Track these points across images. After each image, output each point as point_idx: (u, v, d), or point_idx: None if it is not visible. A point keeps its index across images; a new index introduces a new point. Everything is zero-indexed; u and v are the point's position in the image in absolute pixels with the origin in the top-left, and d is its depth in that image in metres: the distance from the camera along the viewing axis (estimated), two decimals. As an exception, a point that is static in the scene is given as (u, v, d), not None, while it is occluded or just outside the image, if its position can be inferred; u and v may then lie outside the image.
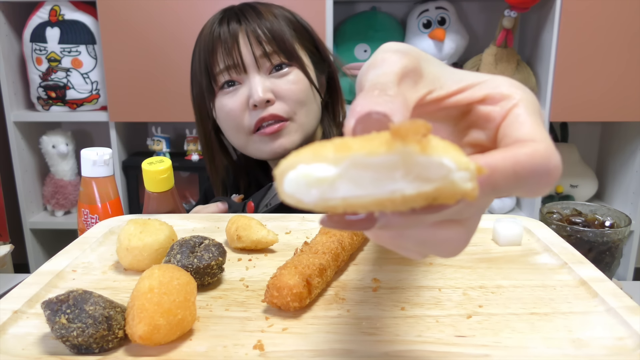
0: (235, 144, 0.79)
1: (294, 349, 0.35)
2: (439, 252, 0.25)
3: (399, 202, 0.20)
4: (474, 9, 1.86)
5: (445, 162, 0.19)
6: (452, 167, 0.19)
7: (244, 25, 0.73)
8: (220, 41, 0.73)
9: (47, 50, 1.67)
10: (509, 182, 0.22)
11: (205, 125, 0.81)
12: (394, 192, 0.20)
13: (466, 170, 0.20)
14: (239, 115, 0.74)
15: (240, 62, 0.73)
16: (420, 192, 0.20)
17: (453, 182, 0.20)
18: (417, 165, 0.19)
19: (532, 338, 0.36)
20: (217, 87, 0.76)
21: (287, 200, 0.21)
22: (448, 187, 0.20)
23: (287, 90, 0.74)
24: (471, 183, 0.20)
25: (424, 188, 0.20)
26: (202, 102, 0.78)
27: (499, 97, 0.26)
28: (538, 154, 0.23)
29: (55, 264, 0.48)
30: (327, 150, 0.20)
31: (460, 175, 0.20)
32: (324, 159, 0.20)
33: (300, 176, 0.20)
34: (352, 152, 0.20)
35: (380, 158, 0.20)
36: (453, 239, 0.24)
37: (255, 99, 0.72)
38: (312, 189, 0.20)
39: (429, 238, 0.24)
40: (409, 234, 0.24)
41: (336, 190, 0.20)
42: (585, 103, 1.61)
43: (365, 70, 0.28)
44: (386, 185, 0.20)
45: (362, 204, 0.20)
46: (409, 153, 0.19)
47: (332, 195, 0.20)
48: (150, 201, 0.63)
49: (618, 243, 0.64)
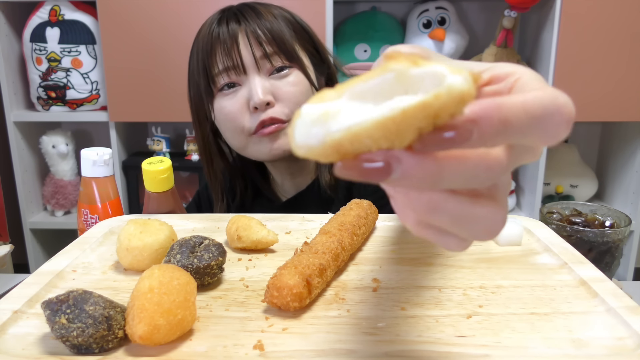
0: (234, 146, 0.79)
1: (294, 349, 0.35)
2: (477, 230, 0.24)
3: (399, 119, 0.19)
4: (474, 9, 1.86)
5: (438, 69, 0.20)
6: (445, 72, 0.20)
7: (243, 25, 0.72)
8: (220, 42, 0.72)
9: (47, 50, 1.67)
10: (520, 119, 0.22)
11: (203, 128, 0.80)
12: (393, 109, 0.19)
13: (459, 73, 0.20)
14: (239, 117, 0.74)
15: (240, 63, 0.72)
16: (417, 103, 0.19)
17: (449, 86, 0.19)
18: (412, 79, 0.20)
19: (532, 338, 0.36)
20: (216, 88, 0.75)
21: (299, 152, 0.21)
22: (445, 93, 0.19)
23: (287, 92, 0.73)
24: (467, 83, 0.20)
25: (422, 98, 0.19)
26: (200, 103, 0.78)
27: (504, 75, 0.26)
28: (545, 92, 0.23)
29: (55, 264, 0.48)
30: (328, 91, 0.21)
31: (454, 79, 0.20)
32: (327, 97, 0.21)
33: (305, 118, 0.21)
34: (350, 85, 0.21)
35: (376, 80, 0.20)
36: (489, 216, 0.24)
37: (255, 101, 0.71)
38: (317, 128, 0.20)
39: (464, 213, 0.23)
40: (444, 207, 0.23)
41: (339, 122, 0.20)
42: (585, 103, 1.61)
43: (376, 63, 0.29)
44: (384, 104, 0.20)
45: (367, 130, 0.20)
46: (402, 69, 0.20)
47: (336, 128, 0.20)
48: (150, 201, 0.63)
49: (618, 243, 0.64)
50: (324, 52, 0.81)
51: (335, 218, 0.52)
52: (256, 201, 0.87)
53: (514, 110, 0.21)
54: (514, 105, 0.22)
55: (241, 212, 0.83)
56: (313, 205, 0.82)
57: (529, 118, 0.22)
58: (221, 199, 0.85)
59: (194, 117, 0.81)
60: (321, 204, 0.80)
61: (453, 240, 0.25)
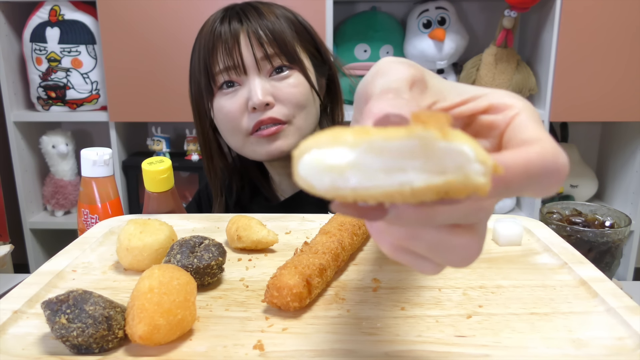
0: (231, 145, 0.79)
1: (294, 349, 0.35)
2: (452, 258, 0.24)
3: (407, 194, 0.20)
4: (474, 9, 1.86)
5: (466, 150, 0.19)
6: (471, 156, 0.19)
7: (245, 25, 0.72)
8: (221, 40, 0.72)
9: (47, 50, 1.67)
10: (521, 180, 0.22)
11: (204, 125, 0.80)
12: (403, 184, 0.19)
13: (483, 163, 0.19)
14: (237, 117, 0.74)
15: (241, 63, 0.72)
16: (429, 184, 0.19)
17: (467, 175, 0.19)
18: (436, 152, 0.19)
19: (532, 338, 0.36)
20: (216, 87, 0.75)
21: (300, 184, 0.21)
22: (460, 181, 0.19)
23: (287, 93, 0.73)
24: (484, 178, 0.19)
25: (434, 180, 0.19)
26: (201, 101, 0.78)
27: (502, 106, 0.26)
28: (547, 151, 0.23)
29: (55, 264, 0.48)
30: (346, 134, 0.20)
31: (475, 168, 0.19)
32: (343, 142, 0.20)
33: (314, 161, 0.20)
34: (370, 136, 0.20)
35: (399, 142, 0.19)
36: (466, 246, 0.24)
37: (254, 101, 0.71)
38: (325, 176, 0.20)
39: (442, 242, 0.23)
40: (422, 236, 0.23)
41: (346, 180, 0.20)
42: (585, 103, 1.61)
43: (370, 78, 0.28)
44: (396, 177, 0.20)
45: (372, 195, 0.20)
46: (430, 138, 0.19)
47: (342, 185, 0.20)
48: (150, 201, 0.63)
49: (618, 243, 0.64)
50: (325, 52, 0.81)
51: (335, 218, 0.52)
52: (254, 200, 0.87)
53: (517, 172, 0.22)
54: (516, 167, 0.22)
55: (239, 210, 0.83)
56: (311, 204, 0.82)
57: (529, 178, 0.22)
58: (220, 194, 0.84)
59: (195, 113, 0.81)
60: (319, 203, 0.80)
61: (428, 265, 0.25)
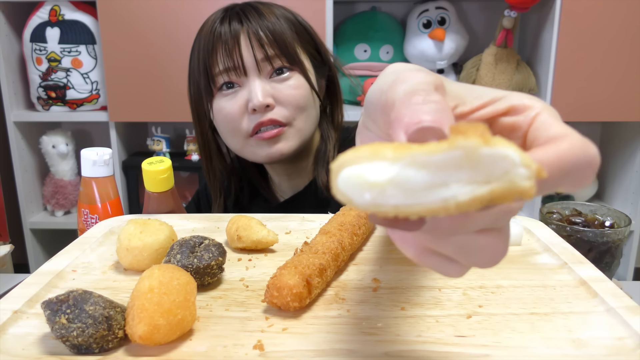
0: (231, 147, 0.79)
1: (294, 349, 0.35)
2: (479, 259, 0.24)
3: (452, 209, 0.19)
4: (474, 9, 1.86)
5: (511, 154, 0.19)
6: (517, 161, 0.19)
7: (245, 25, 0.71)
8: (221, 41, 0.71)
9: (47, 50, 1.67)
10: (556, 176, 0.22)
11: (203, 125, 0.80)
12: (447, 199, 0.19)
13: (528, 167, 0.19)
14: (237, 118, 0.73)
15: (241, 64, 0.71)
16: (475, 196, 0.19)
17: (513, 180, 0.19)
18: (481, 160, 0.19)
19: (532, 338, 0.36)
20: (216, 88, 0.74)
21: (339, 197, 0.21)
22: (506, 187, 0.19)
23: (288, 95, 0.73)
24: (530, 181, 0.19)
25: (479, 191, 0.19)
26: (200, 102, 0.77)
27: (522, 107, 0.26)
28: (577, 144, 0.23)
29: (55, 264, 0.48)
30: (386, 149, 0.20)
31: (521, 172, 0.19)
32: (383, 157, 0.20)
33: (354, 176, 0.20)
34: (412, 151, 0.19)
35: (442, 155, 0.19)
36: (493, 246, 0.24)
37: (255, 103, 0.70)
38: (365, 192, 0.20)
39: (469, 244, 0.23)
40: (450, 239, 0.23)
41: (388, 197, 0.20)
42: (585, 103, 1.61)
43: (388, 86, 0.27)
44: (439, 192, 0.19)
45: (414, 212, 0.20)
46: (473, 147, 0.19)
47: (383, 202, 0.20)
48: (150, 201, 0.63)
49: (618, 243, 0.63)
50: (325, 53, 0.81)
51: (335, 218, 0.52)
52: (253, 201, 0.87)
53: (551, 170, 0.22)
54: (550, 163, 0.22)
55: (238, 212, 0.83)
56: (310, 205, 0.82)
57: (562, 173, 0.22)
58: (219, 195, 0.84)
59: (194, 114, 0.80)
60: (318, 205, 0.81)
61: (454, 267, 0.25)
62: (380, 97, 0.28)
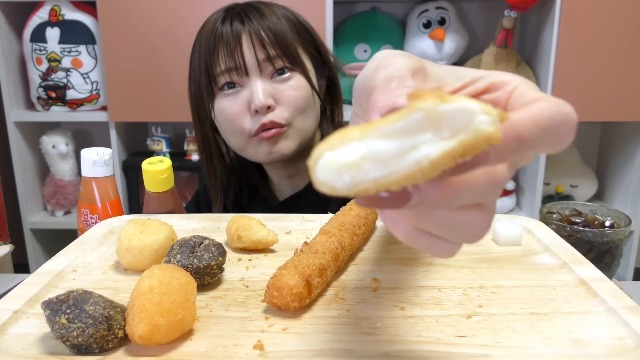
0: (233, 146, 0.79)
1: (294, 349, 0.35)
2: (463, 234, 0.25)
3: (427, 169, 0.20)
4: (474, 9, 1.86)
5: (470, 105, 0.20)
6: (476, 110, 0.20)
7: (247, 25, 0.72)
8: (223, 41, 0.71)
9: (47, 50, 1.67)
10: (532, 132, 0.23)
11: (203, 125, 0.80)
12: (420, 160, 0.20)
13: (488, 113, 0.20)
14: (239, 119, 0.73)
15: (243, 64, 0.71)
16: (445, 151, 0.20)
17: (477, 128, 0.20)
18: (443, 117, 0.20)
19: (532, 338, 0.36)
20: (217, 88, 0.74)
21: (322, 189, 0.22)
22: (472, 136, 0.20)
23: (289, 96, 0.73)
24: (494, 126, 0.20)
25: (448, 145, 0.20)
26: (201, 101, 0.77)
27: (501, 84, 0.27)
28: (551, 103, 0.24)
29: (55, 264, 0.48)
30: (352, 130, 0.21)
31: (483, 119, 0.20)
32: (351, 138, 0.21)
33: (329, 163, 0.21)
34: (376, 124, 0.20)
35: (405, 121, 0.20)
36: (476, 221, 0.24)
37: (257, 104, 0.71)
38: (343, 175, 0.21)
39: (452, 219, 0.24)
40: (434, 214, 0.24)
41: (365, 173, 0.21)
42: (585, 103, 1.61)
43: (371, 73, 0.28)
44: (411, 156, 0.20)
45: (393, 181, 0.20)
46: (432, 106, 0.20)
47: (362, 178, 0.21)
48: (150, 201, 0.63)
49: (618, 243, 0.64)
50: (325, 53, 0.81)
51: (335, 218, 0.52)
52: (253, 201, 0.87)
53: (526, 125, 0.22)
54: (524, 121, 0.23)
55: (238, 211, 0.83)
56: (310, 205, 0.82)
57: (539, 130, 0.23)
58: (220, 195, 0.84)
59: (194, 114, 0.80)
60: (318, 205, 0.81)
61: (443, 246, 0.25)
62: (365, 83, 0.29)
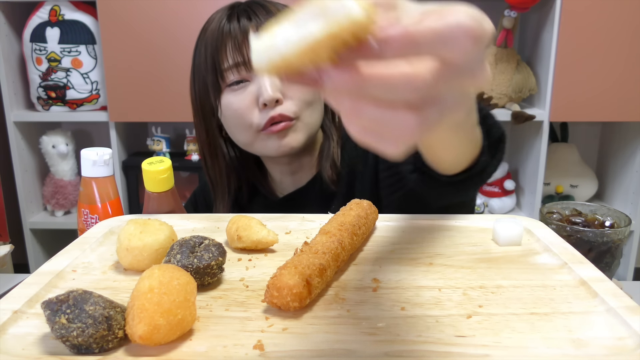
0: (240, 141, 0.79)
1: (294, 349, 0.35)
2: (394, 133, 0.28)
3: (316, 47, 0.26)
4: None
5: (347, 1, 0.25)
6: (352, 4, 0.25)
7: (254, 21, 0.73)
8: (230, 37, 0.72)
9: (47, 50, 1.67)
10: (423, 32, 0.25)
11: (208, 122, 0.80)
12: (306, 37, 0.25)
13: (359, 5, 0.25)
14: (247, 113, 0.74)
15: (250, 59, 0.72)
16: (325, 32, 0.25)
17: (348, 15, 0.25)
18: (330, 10, 0.25)
19: (532, 338, 0.36)
20: (224, 83, 0.75)
21: (259, 71, 0.28)
22: (345, 21, 0.25)
23: (296, 90, 0.74)
24: (363, 12, 0.25)
25: (327, 28, 0.25)
26: (206, 98, 0.78)
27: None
28: (446, 6, 0.26)
29: (55, 264, 0.48)
30: (275, 25, 0.27)
31: (353, 7, 0.25)
32: (272, 28, 0.27)
33: (255, 48, 0.28)
34: (289, 16, 0.27)
35: (305, 12, 0.26)
36: (404, 120, 0.27)
37: (265, 97, 0.71)
38: (264, 55, 0.27)
39: (381, 116, 0.27)
40: (366, 110, 0.27)
41: (276, 50, 0.27)
42: (585, 103, 1.61)
43: None
44: (304, 35, 0.26)
45: (296, 55, 0.26)
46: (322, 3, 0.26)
47: (275, 56, 0.27)
48: (150, 201, 0.63)
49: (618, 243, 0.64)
50: None
51: (335, 218, 0.52)
52: (253, 199, 0.87)
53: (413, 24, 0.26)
54: (413, 19, 0.26)
55: (237, 210, 0.83)
56: (314, 200, 0.83)
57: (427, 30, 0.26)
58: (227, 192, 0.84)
59: (198, 112, 0.80)
60: (322, 200, 0.81)
61: (385, 144, 0.29)
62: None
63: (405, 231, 0.57)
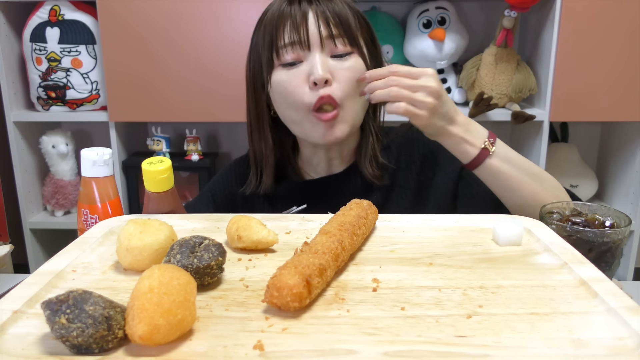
0: (289, 118, 0.81)
1: (294, 349, 0.35)
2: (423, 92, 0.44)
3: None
4: (474, 9, 1.86)
5: None
6: None
7: (314, 6, 0.77)
8: (290, 16, 0.76)
9: (47, 50, 1.67)
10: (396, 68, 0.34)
11: (259, 96, 0.83)
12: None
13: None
14: (298, 90, 0.76)
15: (306, 38, 0.75)
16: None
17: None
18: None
19: (532, 338, 0.36)
20: (279, 61, 0.78)
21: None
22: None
23: (345, 75, 0.77)
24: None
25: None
26: (259, 74, 0.81)
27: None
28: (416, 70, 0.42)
29: (55, 264, 0.48)
30: None
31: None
32: None
33: None
34: None
35: None
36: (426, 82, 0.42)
37: (316, 76, 0.74)
38: None
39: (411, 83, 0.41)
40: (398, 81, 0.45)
41: None
42: (585, 103, 1.61)
43: None
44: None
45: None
46: None
47: None
48: (150, 201, 0.63)
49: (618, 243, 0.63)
50: (378, 46, 0.87)
51: (335, 218, 0.52)
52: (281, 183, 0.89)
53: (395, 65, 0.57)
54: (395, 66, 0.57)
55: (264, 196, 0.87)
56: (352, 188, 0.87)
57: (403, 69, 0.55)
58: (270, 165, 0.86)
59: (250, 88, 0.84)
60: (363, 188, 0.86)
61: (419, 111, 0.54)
62: None
63: (405, 231, 0.57)
